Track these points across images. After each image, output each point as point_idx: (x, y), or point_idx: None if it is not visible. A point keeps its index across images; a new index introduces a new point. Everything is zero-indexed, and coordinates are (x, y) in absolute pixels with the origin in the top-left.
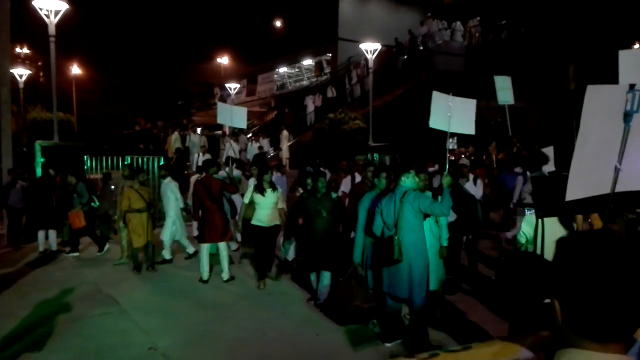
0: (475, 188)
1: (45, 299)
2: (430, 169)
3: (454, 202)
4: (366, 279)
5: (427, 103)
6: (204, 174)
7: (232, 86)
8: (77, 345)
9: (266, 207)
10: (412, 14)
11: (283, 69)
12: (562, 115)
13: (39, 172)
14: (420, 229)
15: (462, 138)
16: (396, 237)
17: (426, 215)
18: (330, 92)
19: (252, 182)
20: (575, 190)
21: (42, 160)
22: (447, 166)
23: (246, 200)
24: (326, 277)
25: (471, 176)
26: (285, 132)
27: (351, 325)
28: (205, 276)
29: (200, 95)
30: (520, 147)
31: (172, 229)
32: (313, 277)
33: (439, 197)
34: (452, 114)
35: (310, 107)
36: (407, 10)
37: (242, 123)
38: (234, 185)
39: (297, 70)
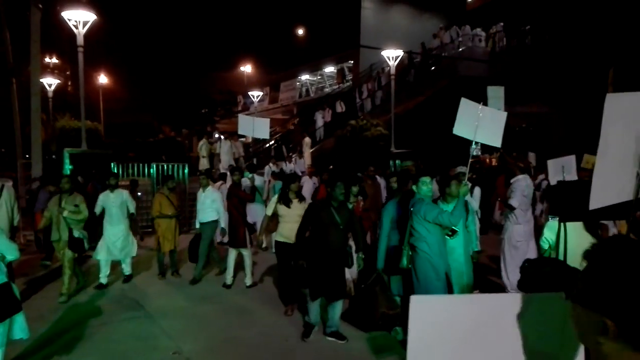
0: (470, 199)
1: (73, 303)
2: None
3: None
4: (389, 285)
5: (449, 109)
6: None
7: (255, 94)
8: (105, 348)
9: (291, 221)
10: (434, 21)
11: (305, 77)
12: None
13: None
14: (433, 238)
15: (486, 145)
16: (404, 247)
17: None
18: (340, 107)
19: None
20: (599, 198)
21: (70, 167)
22: (467, 174)
23: (269, 211)
24: (339, 304)
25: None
26: (307, 139)
27: (375, 332)
28: (229, 281)
29: (224, 103)
30: (504, 155)
31: None
32: (315, 306)
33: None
34: (480, 124)
35: (320, 123)
36: (430, 17)
37: (265, 133)
38: (249, 193)
39: (319, 77)
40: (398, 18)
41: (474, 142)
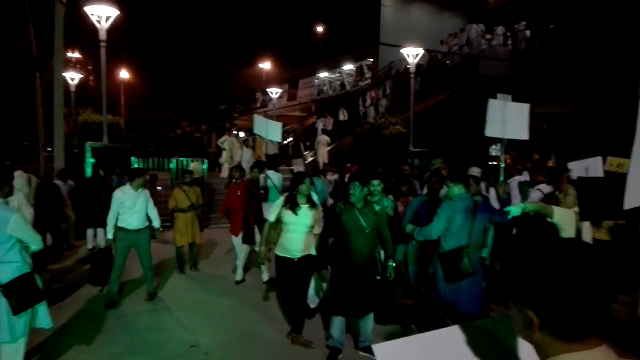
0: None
1: (94, 295)
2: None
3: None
4: (408, 277)
5: (470, 108)
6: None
7: (274, 91)
8: (124, 340)
9: (297, 231)
10: (455, 19)
11: (324, 74)
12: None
13: (88, 172)
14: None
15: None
16: (468, 250)
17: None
18: (342, 115)
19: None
20: (634, 198)
21: (92, 160)
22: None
23: (271, 217)
24: (370, 316)
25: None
26: (324, 137)
27: (392, 325)
28: (239, 277)
29: (243, 99)
30: (517, 156)
31: None
32: (339, 321)
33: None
34: (507, 120)
35: (320, 132)
36: (450, 15)
37: (277, 136)
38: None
39: (337, 75)
40: (418, 16)
41: (504, 141)
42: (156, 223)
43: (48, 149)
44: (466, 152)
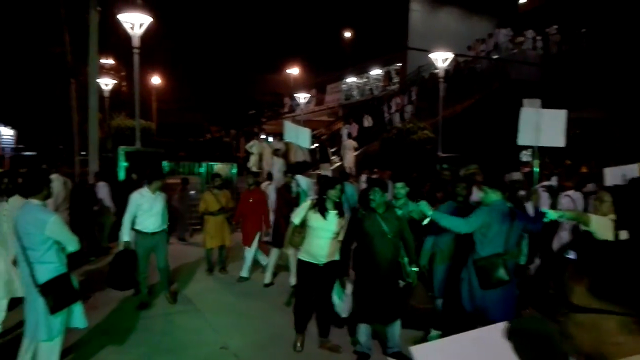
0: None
1: (126, 296)
2: None
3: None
4: (430, 283)
5: (500, 113)
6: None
7: (301, 96)
8: (155, 340)
9: (324, 237)
10: (484, 23)
11: (351, 79)
12: None
13: (122, 175)
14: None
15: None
16: (505, 257)
17: None
18: (367, 122)
19: (271, 191)
20: None
21: (125, 164)
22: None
23: (296, 220)
24: (397, 323)
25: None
26: (350, 142)
27: (412, 330)
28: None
29: (271, 105)
30: (546, 162)
31: None
32: (365, 327)
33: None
34: (541, 127)
35: (345, 137)
36: (479, 20)
37: (306, 142)
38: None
39: (365, 79)
40: (447, 20)
41: (535, 147)
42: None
43: (82, 152)
44: (496, 158)
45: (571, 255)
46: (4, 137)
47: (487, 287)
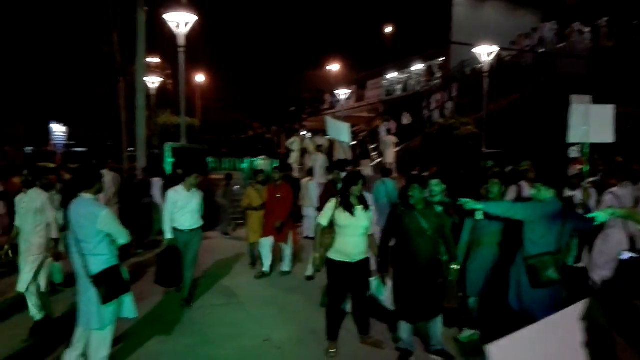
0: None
1: (172, 288)
2: None
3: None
4: (463, 283)
5: (546, 108)
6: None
7: (342, 92)
8: (201, 331)
9: (355, 234)
10: (530, 16)
11: (392, 75)
12: None
13: (168, 171)
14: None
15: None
16: (557, 257)
17: None
18: (405, 119)
19: (312, 187)
20: None
21: (171, 160)
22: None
23: (324, 221)
24: (439, 321)
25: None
26: (391, 138)
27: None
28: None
29: (312, 101)
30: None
31: None
32: (405, 324)
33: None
34: (591, 123)
35: (383, 135)
36: (525, 13)
37: (347, 138)
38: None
39: (406, 75)
40: (491, 13)
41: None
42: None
43: (130, 149)
44: (544, 154)
45: (625, 256)
46: (56, 133)
47: (537, 286)
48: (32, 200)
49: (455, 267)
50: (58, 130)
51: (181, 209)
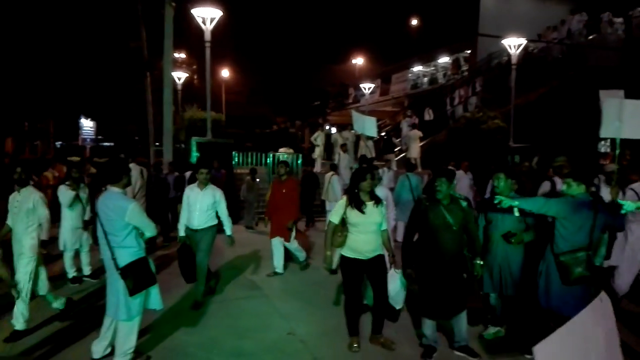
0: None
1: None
2: None
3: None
4: (481, 280)
5: (577, 101)
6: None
7: (366, 86)
8: (226, 324)
9: (367, 231)
10: (560, 7)
11: (417, 68)
12: None
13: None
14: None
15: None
16: (589, 253)
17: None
18: (428, 115)
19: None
20: None
21: (197, 154)
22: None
23: (335, 219)
24: (463, 315)
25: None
26: (416, 132)
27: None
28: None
29: (336, 95)
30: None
31: None
32: (430, 321)
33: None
34: (624, 118)
35: (405, 131)
36: (555, 3)
37: (373, 131)
38: None
39: (432, 68)
40: (520, 4)
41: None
42: (227, 230)
43: (157, 143)
44: (573, 148)
45: None
46: (85, 128)
47: (569, 283)
48: (25, 199)
49: (479, 262)
50: (87, 125)
51: (191, 206)
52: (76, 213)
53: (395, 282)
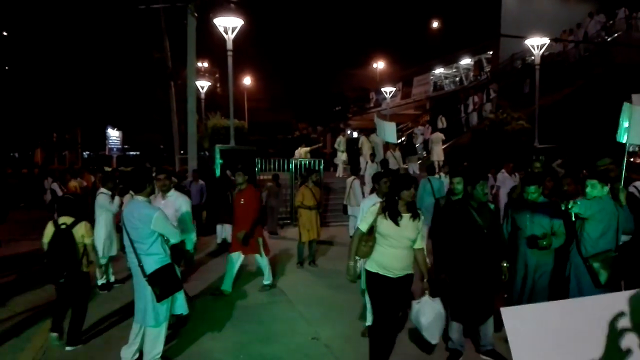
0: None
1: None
2: None
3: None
4: (508, 284)
5: (603, 101)
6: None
7: (387, 90)
8: (251, 329)
9: (399, 246)
10: (582, 6)
11: (439, 70)
12: None
13: (218, 172)
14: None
15: None
16: (616, 254)
17: None
18: (441, 123)
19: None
20: None
21: (220, 161)
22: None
23: (363, 226)
24: (490, 321)
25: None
26: (438, 134)
27: None
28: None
29: (357, 100)
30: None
31: None
32: (457, 324)
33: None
34: None
35: (420, 139)
36: (577, 2)
37: (393, 137)
38: None
39: (454, 70)
40: (543, 4)
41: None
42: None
43: (181, 152)
44: (600, 149)
45: None
46: (112, 138)
47: (601, 286)
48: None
49: (505, 265)
50: (113, 135)
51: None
52: (111, 220)
53: (430, 312)
